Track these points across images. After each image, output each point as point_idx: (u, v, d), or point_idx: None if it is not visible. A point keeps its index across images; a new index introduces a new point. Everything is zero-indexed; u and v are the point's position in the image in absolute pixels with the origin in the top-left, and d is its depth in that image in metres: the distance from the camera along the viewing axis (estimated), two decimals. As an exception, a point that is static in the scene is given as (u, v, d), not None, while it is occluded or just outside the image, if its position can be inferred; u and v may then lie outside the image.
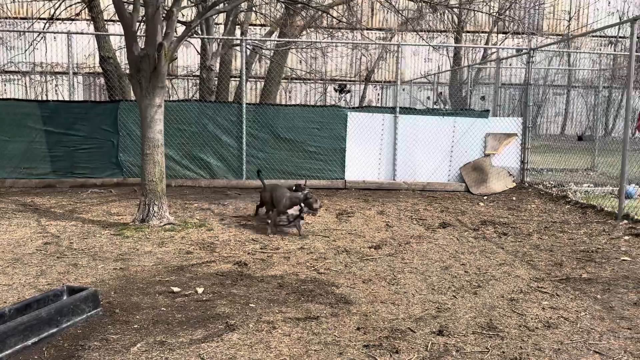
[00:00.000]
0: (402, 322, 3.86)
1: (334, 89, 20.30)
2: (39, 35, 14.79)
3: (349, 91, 20.08)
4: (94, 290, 3.95)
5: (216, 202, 8.31)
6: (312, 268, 5.19)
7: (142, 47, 6.56)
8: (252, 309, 4.08)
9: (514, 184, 9.89)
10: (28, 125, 9.37)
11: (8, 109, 9.46)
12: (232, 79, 16.60)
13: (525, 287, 4.68)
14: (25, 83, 22.97)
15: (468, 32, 25.45)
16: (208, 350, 3.33)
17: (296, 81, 23.80)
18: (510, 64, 21.50)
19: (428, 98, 22.60)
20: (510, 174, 9.97)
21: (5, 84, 23.34)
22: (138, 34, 6.66)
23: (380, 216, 7.55)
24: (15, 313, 3.55)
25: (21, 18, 20.43)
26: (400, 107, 10.00)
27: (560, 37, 23.11)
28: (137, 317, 3.88)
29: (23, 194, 8.59)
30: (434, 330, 3.71)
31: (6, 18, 20.22)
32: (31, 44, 14.87)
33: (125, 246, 5.71)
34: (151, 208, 6.49)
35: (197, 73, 17.44)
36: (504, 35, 23.70)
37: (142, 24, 8.85)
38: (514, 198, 9.11)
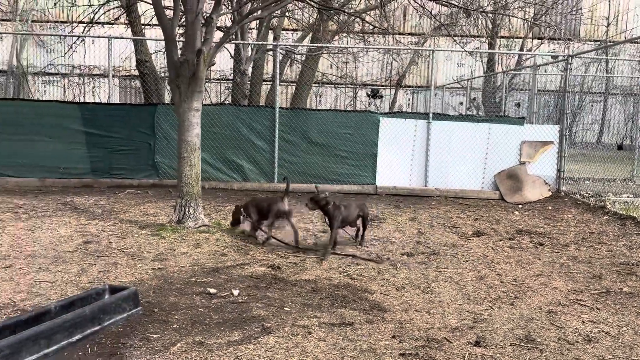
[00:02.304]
0: (438, 331, 3.84)
1: (367, 93, 20.27)
2: (78, 38, 15.24)
3: (381, 96, 20.03)
4: (135, 289, 4.05)
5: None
6: (345, 273, 5.20)
7: (181, 52, 6.70)
8: (287, 312, 4.11)
9: (550, 193, 9.70)
10: (68, 126, 9.66)
11: (49, 111, 9.78)
12: (264, 82, 16.77)
13: (564, 300, 4.59)
14: (64, 85, 23.67)
15: (502, 37, 25.08)
16: (246, 353, 3.37)
17: (327, 85, 23.88)
18: (545, 70, 21.12)
19: (461, 104, 22.37)
20: (546, 183, 9.79)
21: (45, 86, 24.08)
22: (177, 39, 6.80)
23: (412, 223, 7.51)
24: (60, 310, 3.67)
25: (62, 22, 21.07)
26: (433, 113, 9.94)
27: (598, 43, 22.59)
28: (176, 317, 3.96)
29: (63, 193, 8.85)
30: (470, 340, 3.68)
31: (47, 22, 20.91)
32: (71, 47, 15.33)
33: (162, 247, 5.83)
34: (187, 210, 6.61)
35: (230, 76, 17.66)
36: (540, 40, 23.29)
37: (180, 29, 9.03)
38: (549, 207, 8.93)
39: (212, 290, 4.52)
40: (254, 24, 16.45)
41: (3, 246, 5.65)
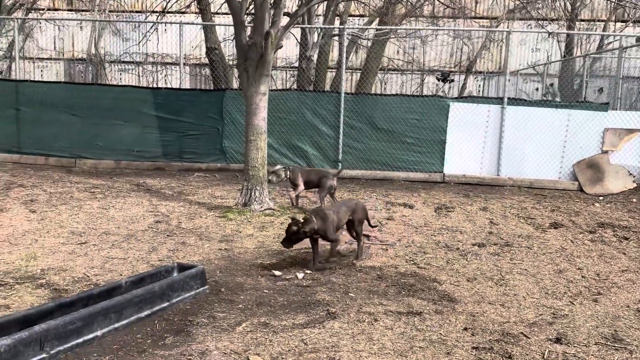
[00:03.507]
0: (513, 325, 3.60)
1: (437, 77, 19.67)
2: (152, 27, 15.74)
3: (452, 80, 19.36)
4: (202, 268, 4.08)
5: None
6: (412, 262, 5.03)
7: (250, 35, 6.69)
8: (352, 298, 4.01)
9: (635, 185, 8.98)
10: (142, 111, 9.99)
11: (124, 95, 10.15)
12: (329, 70, 16.64)
13: (655, 299, 4.20)
14: (138, 72, 24.65)
15: (582, 20, 23.54)
16: (310, 336, 3.30)
17: (392, 72, 23.42)
18: (629, 54, 19.57)
19: (536, 89, 21.26)
20: (631, 174, 9.06)
21: (120, 73, 25.18)
22: (245, 22, 6.80)
23: (483, 212, 7.17)
24: (131, 285, 3.75)
25: (136, 11, 21.89)
26: (508, 98, 9.43)
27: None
28: (242, 297, 3.95)
29: (136, 175, 9.18)
30: (550, 337, 3.42)
31: (123, 11, 21.80)
32: (144, 36, 15.86)
33: (228, 228, 5.89)
34: (253, 193, 6.64)
35: (295, 64, 17.68)
36: (623, 23, 21.65)
37: (248, 17, 9.06)
38: (634, 200, 8.27)
39: (277, 273, 4.49)
40: (320, 9, 16.35)
41: (79, 223, 5.91)
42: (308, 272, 4.58)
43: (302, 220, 4.47)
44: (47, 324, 2.91)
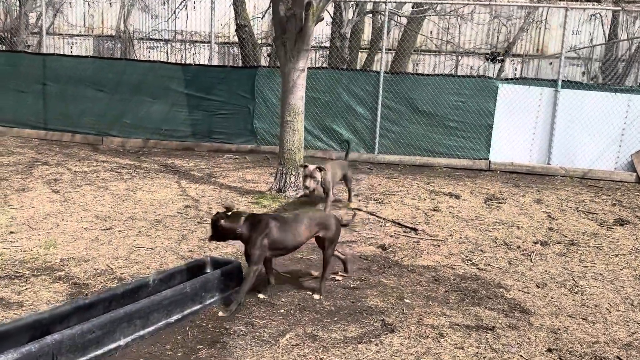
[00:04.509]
0: (605, 347, 3.04)
1: (486, 57, 18.79)
2: (181, 2, 15.24)
3: (502, 60, 18.45)
4: (239, 264, 3.61)
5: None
6: (469, 262, 4.48)
7: (289, 6, 6.13)
8: (409, 305, 3.49)
9: (702, 179, 8.20)
10: (170, 87, 9.54)
11: (152, 71, 9.69)
12: (361, 50, 15.96)
13: None
14: (166, 50, 24.26)
15: (628, 1, 22.24)
16: (368, 355, 2.80)
17: (424, 53, 22.53)
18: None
19: (583, 74, 20.19)
20: (698, 166, 8.28)
21: (149, 51, 24.81)
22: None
23: (538, 205, 6.54)
24: (159, 284, 3.31)
25: (166, -12, 21.41)
26: (562, 80, 8.68)
27: None
28: (282, 299, 3.48)
29: (164, 155, 8.77)
30: (654, 365, 2.86)
31: (152, -12, 21.35)
32: (174, 12, 15.38)
33: (263, 217, 5.40)
34: (288, 178, 6.14)
35: (325, 44, 17.05)
36: (678, 3, 20.28)
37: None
38: None
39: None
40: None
41: (104, 206, 5.50)
42: (342, 276, 4.08)
43: (227, 215, 3.32)
44: (61, 333, 2.46)
